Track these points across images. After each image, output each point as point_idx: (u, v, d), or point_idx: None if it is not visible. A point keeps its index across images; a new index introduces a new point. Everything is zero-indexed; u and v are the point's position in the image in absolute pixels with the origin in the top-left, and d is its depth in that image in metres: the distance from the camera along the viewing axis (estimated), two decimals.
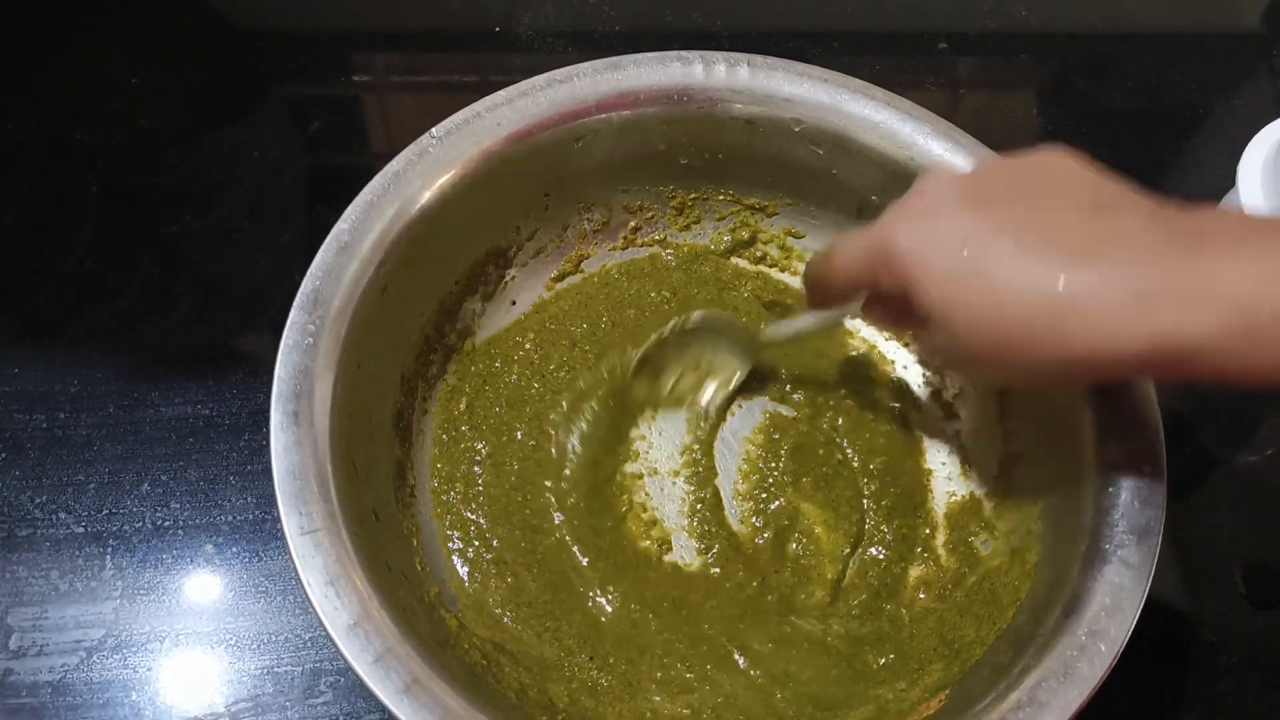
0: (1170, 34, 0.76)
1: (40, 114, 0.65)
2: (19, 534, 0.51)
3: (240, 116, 0.66)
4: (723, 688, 0.45)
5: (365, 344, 0.44)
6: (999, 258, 0.34)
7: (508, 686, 0.43)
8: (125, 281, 0.59)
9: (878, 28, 0.74)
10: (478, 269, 0.52)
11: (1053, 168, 0.36)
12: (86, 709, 0.47)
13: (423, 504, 0.49)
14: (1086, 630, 0.38)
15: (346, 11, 0.72)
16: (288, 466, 0.39)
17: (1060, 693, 0.37)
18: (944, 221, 0.36)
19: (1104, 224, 0.33)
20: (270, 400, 0.41)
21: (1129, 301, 0.32)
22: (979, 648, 0.43)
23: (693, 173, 0.54)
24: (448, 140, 0.48)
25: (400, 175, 0.46)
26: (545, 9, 0.72)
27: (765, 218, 0.56)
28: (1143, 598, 0.39)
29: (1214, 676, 0.50)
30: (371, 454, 0.45)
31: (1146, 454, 0.41)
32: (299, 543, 0.38)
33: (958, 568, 0.49)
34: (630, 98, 0.50)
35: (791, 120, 0.50)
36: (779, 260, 0.57)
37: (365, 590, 0.38)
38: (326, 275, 0.44)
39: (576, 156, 0.51)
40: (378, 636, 0.37)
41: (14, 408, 0.54)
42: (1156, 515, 0.40)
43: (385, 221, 0.45)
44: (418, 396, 0.50)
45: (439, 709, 0.36)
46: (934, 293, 0.35)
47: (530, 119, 0.49)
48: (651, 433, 0.53)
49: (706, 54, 0.51)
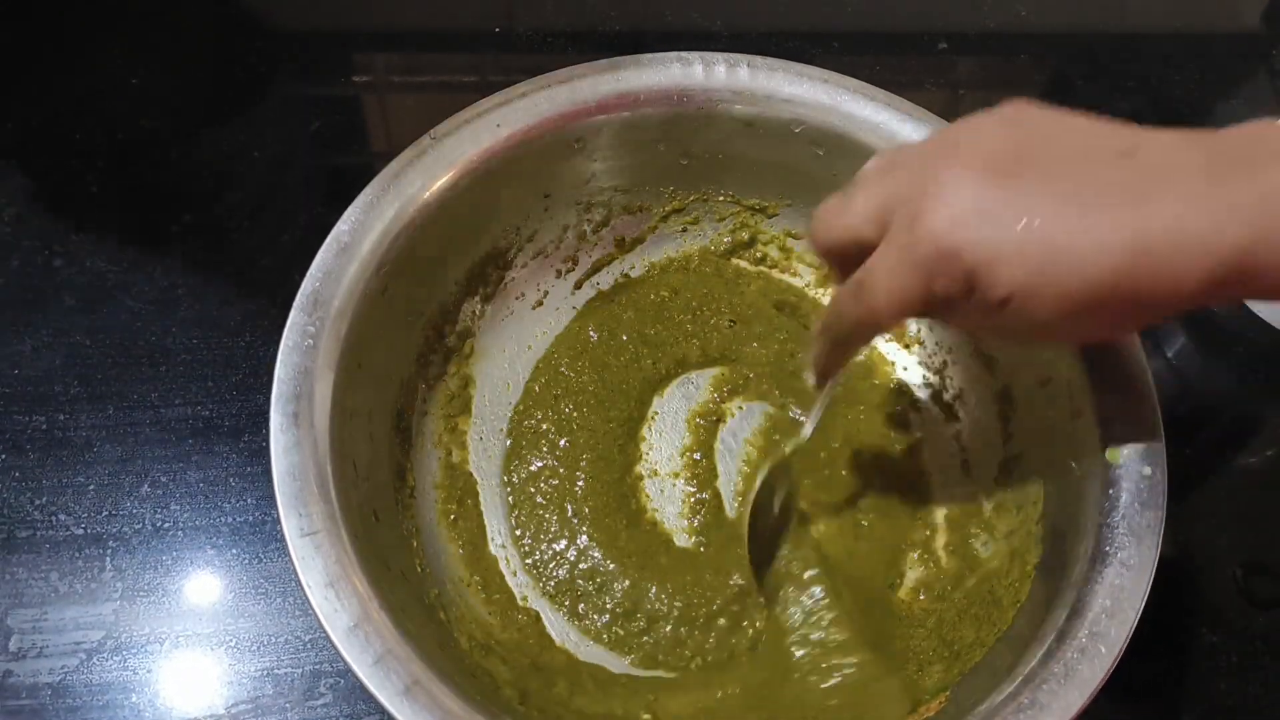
0: (1170, 34, 0.76)
1: (41, 114, 0.65)
2: (19, 536, 0.51)
3: (240, 116, 0.66)
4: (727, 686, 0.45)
5: (365, 345, 0.44)
6: (1067, 222, 0.33)
7: (506, 685, 0.43)
8: (125, 281, 0.59)
9: (878, 28, 0.74)
10: (477, 270, 0.52)
11: (1035, 123, 0.35)
12: (86, 711, 0.47)
13: (423, 505, 0.48)
14: (1087, 632, 0.38)
15: (346, 11, 0.72)
16: (287, 467, 0.39)
17: (1061, 694, 0.37)
18: (985, 203, 0.33)
19: (1141, 164, 0.33)
20: (270, 402, 0.41)
21: (1203, 228, 0.31)
22: (979, 649, 0.43)
23: (692, 174, 0.54)
24: (447, 141, 0.47)
25: (400, 176, 0.46)
26: (545, 9, 0.72)
27: (765, 219, 0.56)
28: (1143, 600, 0.39)
29: (1214, 676, 0.50)
30: (372, 455, 0.45)
31: (1148, 455, 0.41)
32: (299, 544, 0.38)
33: (958, 569, 0.49)
34: (630, 98, 0.50)
35: (791, 121, 0.50)
36: (779, 261, 0.57)
37: (365, 592, 0.38)
38: (326, 276, 0.44)
39: (576, 157, 0.51)
40: (378, 638, 0.37)
41: (14, 408, 0.54)
42: (1157, 517, 0.40)
43: (385, 222, 0.45)
44: (418, 398, 0.50)
45: (439, 710, 0.36)
46: (1014, 275, 0.33)
47: (530, 120, 0.49)
48: (651, 434, 0.53)
49: (706, 55, 0.51)
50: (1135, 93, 0.71)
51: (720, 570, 0.49)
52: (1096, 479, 0.42)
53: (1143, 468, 0.41)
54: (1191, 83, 0.71)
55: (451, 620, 0.44)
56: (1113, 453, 0.42)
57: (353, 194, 0.46)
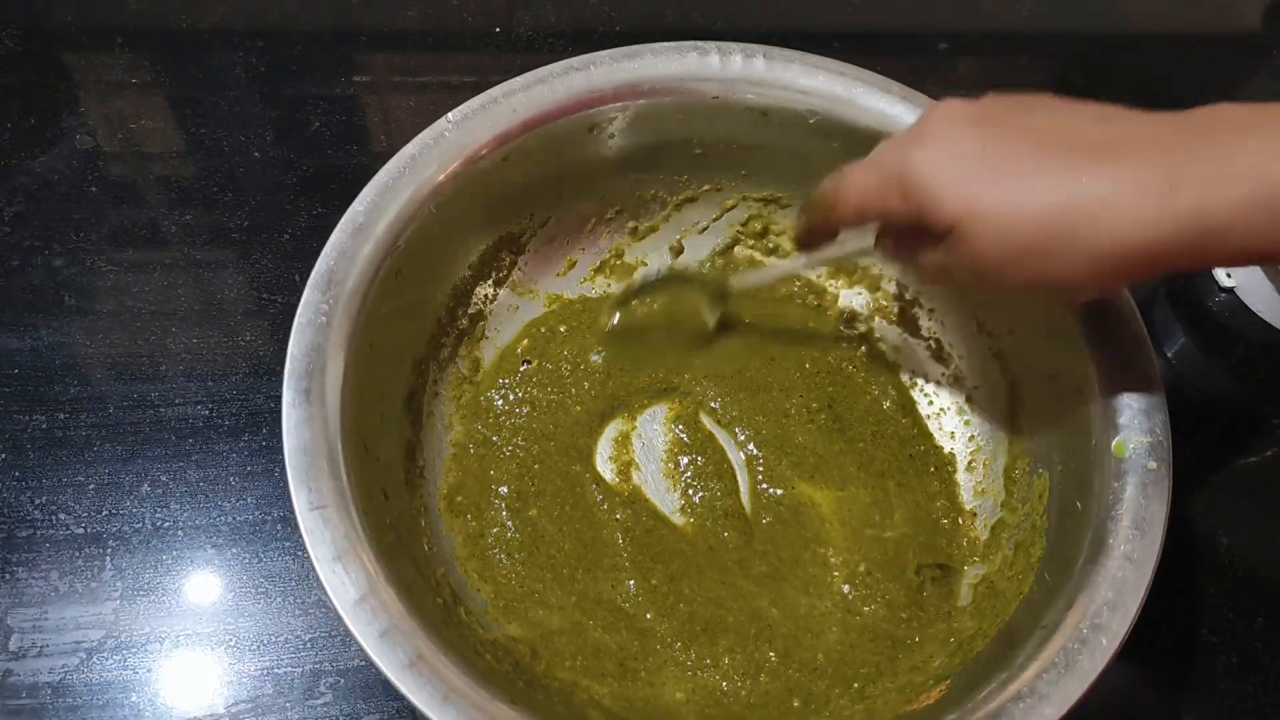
0: (1170, 34, 0.76)
1: (40, 113, 0.65)
2: (19, 535, 0.51)
3: (239, 116, 0.66)
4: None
5: (378, 325, 0.44)
6: (1020, 161, 0.35)
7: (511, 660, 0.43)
8: (125, 281, 0.59)
9: (878, 28, 0.74)
10: (490, 254, 0.53)
11: (1047, 98, 0.38)
12: (86, 710, 0.47)
13: (431, 485, 0.49)
14: (1089, 624, 0.38)
15: (346, 11, 0.72)
16: (298, 443, 0.40)
17: (1061, 685, 0.37)
18: (959, 138, 0.36)
19: (1115, 128, 0.35)
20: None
21: (1155, 189, 0.33)
22: (981, 640, 0.43)
23: (706, 163, 0.54)
24: (463, 125, 0.48)
25: (416, 159, 0.47)
26: (545, 9, 0.72)
27: (778, 209, 0.56)
28: (1145, 593, 0.39)
29: (1214, 676, 0.50)
30: (382, 434, 0.45)
31: (1154, 450, 0.41)
32: (308, 518, 0.38)
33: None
34: (646, 87, 0.50)
35: (806, 112, 0.51)
36: (790, 252, 0.57)
37: (372, 566, 0.38)
38: (341, 256, 0.44)
39: (592, 144, 0.51)
40: (384, 612, 0.37)
41: (14, 408, 0.54)
42: (1161, 509, 0.40)
43: (400, 204, 0.46)
44: (429, 379, 0.50)
45: (442, 685, 0.36)
46: (956, 204, 0.36)
47: (546, 106, 0.49)
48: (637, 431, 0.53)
49: (723, 44, 0.51)
50: (1135, 93, 0.70)
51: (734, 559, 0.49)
52: (1103, 472, 0.42)
53: (1149, 462, 0.41)
54: (1191, 83, 0.71)
55: (459, 598, 0.45)
56: (1120, 447, 0.42)
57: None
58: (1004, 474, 0.50)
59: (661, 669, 0.46)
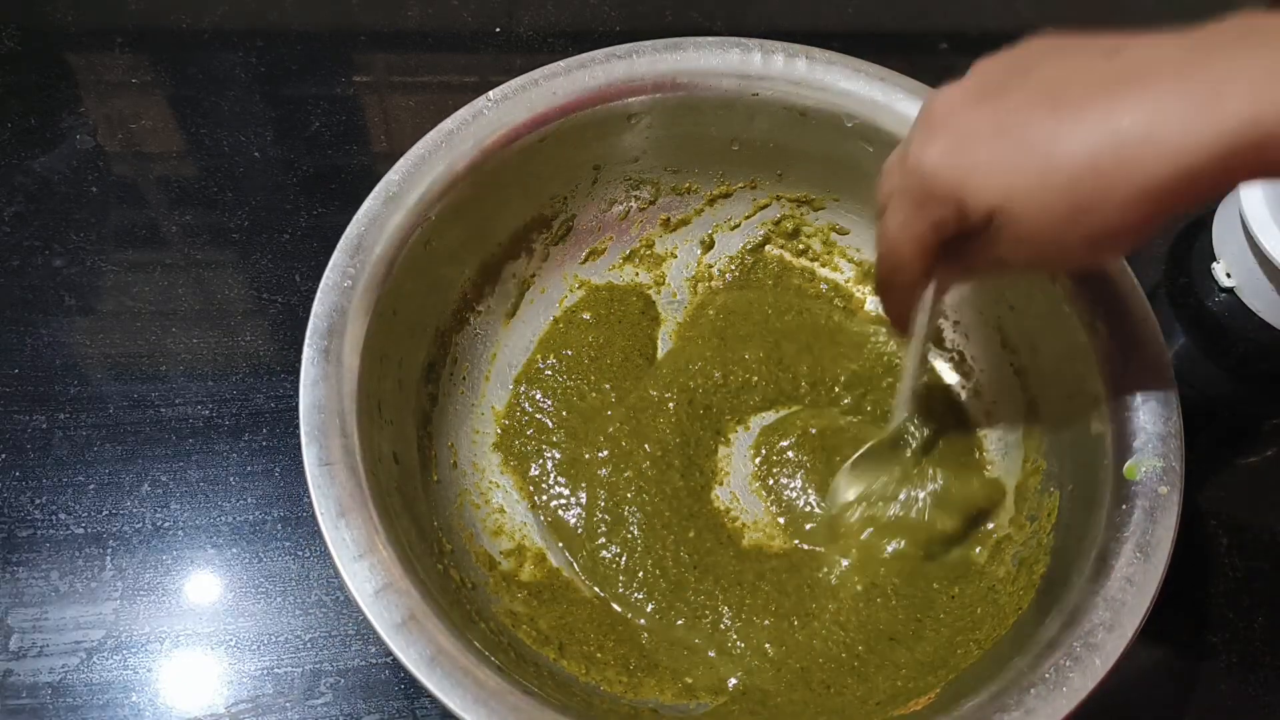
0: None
1: (40, 113, 0.65)
2: (19, 535, 0.51)
3: (239, 116, 0.66)
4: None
5: (402, 293, 0.45)
6: (1041, 123, 0.32)
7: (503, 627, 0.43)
8: (125, 281, 0.59)
9: (878, 28, 0.74)
10: (521, 235, 0.53)
11: (1041, 44, 0.35)
12: (86, 710, 0.47)
13: (443, 457, 0.49)
14: (1083, 642, 0.37)
15: (346, 11, 0.72)
16: (314, 400, 0.40)
17: (1050, 700, 0.36)
18: (967, 122, 0.34)
19: (1127, 58, 0.32)
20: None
21: (1196, 102, 0.30)
22: (976, 650, 0.43)
23: (743, 160, 0.55)
24: (503, 105, 0.48)
25: (454, 134, 0.47)
26: (546, 9, 0.72)
27: (811, 211, 0.56)
28: (1144, 618, 0.38)
29: (1214, 676, 0.50)
30: (399, 400, 0.46)
31: (1166, 474, 0.41)
32: (316, 473, 0.39)
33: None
34: (686, 79, 0.51)
35: (844, 115, 0.51)
36: (821, 255, 0.57)
37: (375, 525, 0.39)
38: (371, 222, 0.45)
39: (629, 133, 0.52)
40: (382, 570, 0.38)
41: (14, 408, 0.54)
42: (1167, 535, 0.40)
43: (434, 176, 0.46)
44: (450, 352, 0.51)
45: (431, 645, 0.36)
46: (989, 190, 0.33)
47: (586, 91, 0.50)
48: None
49: (766, 42, 0.51)
50: None
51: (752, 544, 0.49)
52: (1112, 494, 0.42)
53: (1159, 487, 0.41)
54: None
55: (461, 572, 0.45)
56: (1131, 469, 0.41)
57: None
58: (1014, 490, 0.50)
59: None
